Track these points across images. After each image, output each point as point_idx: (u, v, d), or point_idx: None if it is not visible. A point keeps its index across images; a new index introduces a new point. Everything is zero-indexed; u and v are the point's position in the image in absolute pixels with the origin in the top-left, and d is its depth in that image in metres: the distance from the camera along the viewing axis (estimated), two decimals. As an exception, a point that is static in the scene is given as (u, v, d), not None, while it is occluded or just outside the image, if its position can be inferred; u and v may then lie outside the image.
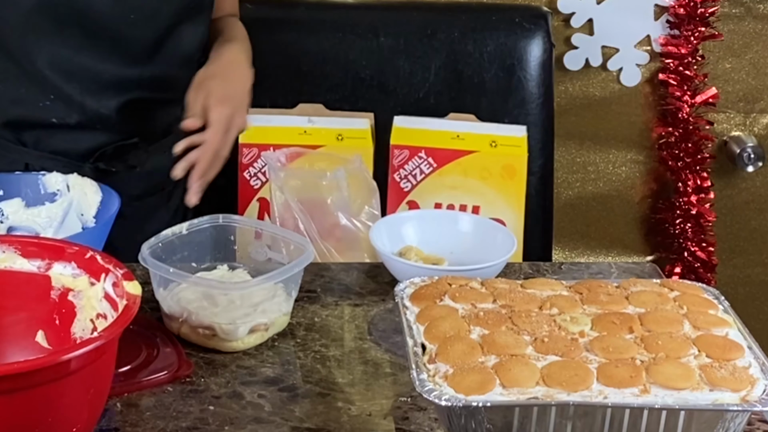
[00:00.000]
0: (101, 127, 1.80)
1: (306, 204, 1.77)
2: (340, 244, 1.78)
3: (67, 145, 1.80)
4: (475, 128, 1.99)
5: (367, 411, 1.36)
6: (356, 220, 1.80)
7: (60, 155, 1.79)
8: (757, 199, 2.56)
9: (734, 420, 1.20)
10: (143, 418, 1.33)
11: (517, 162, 1.94)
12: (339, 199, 1.79)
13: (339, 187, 1.79)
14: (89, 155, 1.81)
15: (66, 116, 1.78)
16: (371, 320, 1.58)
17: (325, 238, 1.77)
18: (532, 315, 1.32)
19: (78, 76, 1.76)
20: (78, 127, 1.79)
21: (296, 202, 1.76)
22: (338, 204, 1.79)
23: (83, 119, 1.78)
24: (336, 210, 1.79)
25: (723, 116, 2.50)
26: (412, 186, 1.95)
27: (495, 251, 1.65)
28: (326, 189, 1.80)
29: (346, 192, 1.79)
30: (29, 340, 1.31)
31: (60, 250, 1.32)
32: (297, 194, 1.77)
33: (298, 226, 1.75)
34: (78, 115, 1.78)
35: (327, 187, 1.80)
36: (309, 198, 1.78)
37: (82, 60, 1.75)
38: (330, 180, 1.80)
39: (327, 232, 1.79)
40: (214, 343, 1.48)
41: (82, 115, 1.78)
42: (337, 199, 1.79)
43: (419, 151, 1.94)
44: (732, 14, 2.44)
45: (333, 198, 1.79)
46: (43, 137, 1.80)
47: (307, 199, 1.78)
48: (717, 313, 1.35)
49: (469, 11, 2.24)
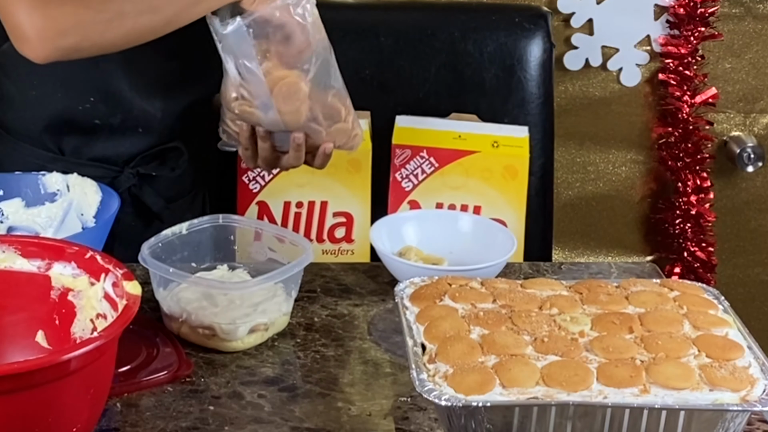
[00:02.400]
0: (143, 130, 1.77)
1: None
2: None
3: (107, 152, 1.77)
4: (477, 128, 1.99)
5: (367, 411, 1.36)
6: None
7: (99, 162, 1.77)
8: (757, 199, 2.56)
9: (734, 420, 1.20)
10: (143, 418, 1.33)
11: (519, 162, 1.94)
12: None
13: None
14: (130, 160, 1.78)
15: (110, 117, 1.74)
16: (371, 320, 1.58)
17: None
18: (532, 315, 1.32)
19: (125, 71, 1.72)
20: (120, 131, 1.75)
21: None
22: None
23: (128, 120, 1.75)
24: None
25: (723, 116, 2.50)
26: (413, 186, 1.95)
27: (495, 251, 1.65)
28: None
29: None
30: (29, 340, 1.32)
31: (60, 250, 1.32)
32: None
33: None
34: (122, 116, 1.75)
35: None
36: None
37: (127, 54, 1.67)
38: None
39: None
40: (214, 343, 1.48)
41: (127, 115, 1.75)
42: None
43: (421, 151, 1.94)
44: (732, 14, 2.44)
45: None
46: (82, 143, 1.77)
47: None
48: (717, 313, 1.35)
49: (469, 11, 2.24)
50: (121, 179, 1.77)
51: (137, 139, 1.78)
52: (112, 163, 1.78)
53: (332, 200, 1.94)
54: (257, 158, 1.68)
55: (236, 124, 1.66)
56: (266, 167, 1.71)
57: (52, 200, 1.68)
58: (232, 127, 1.67)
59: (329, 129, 1.65)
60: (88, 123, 1.75)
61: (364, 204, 1.94)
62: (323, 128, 1.64)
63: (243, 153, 1.69)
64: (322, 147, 1.65)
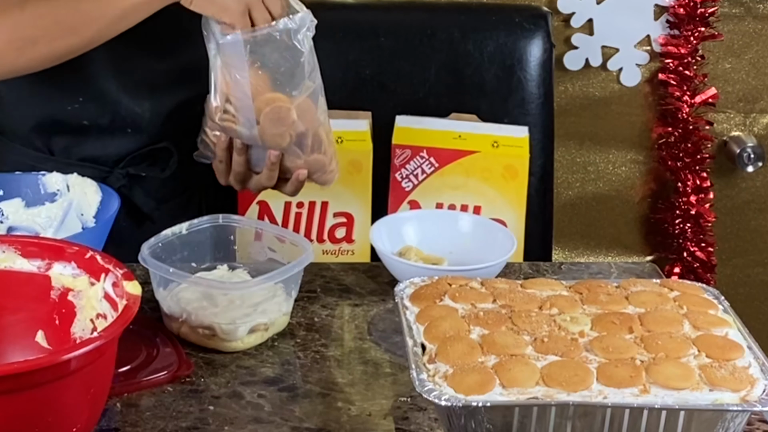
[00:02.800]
0: (132, 131, 1.77)
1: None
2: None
3: (96, 152, 1.77)
4: (476, 128, 1.99)
5: (367, 411, 1.36)
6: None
7: (89, 162, 1.77)
8: (757, 199, 2.56)
9: (734, 420, 1.20)
10: (143, 418, 1.33)
11: (519, 162, 1.94)
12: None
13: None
14: (119, 161, 1.79)
15: (98, 117, 1.75)
16: (371, 320, 1.58)
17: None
18: (532, 315, 1.32)
19: (113, 71, 1.73)
20: (109, 131, 1.76)
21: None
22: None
23: (116, 120, 1.76)
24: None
25: (723, 116, 2.50)
26: (413, 186, 1.95)
27: (495, 251, 1.65)
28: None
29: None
30: (29, 340, 1.32)
31: (60, 250, 1.32)
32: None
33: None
34: (111, 116, 1.75)
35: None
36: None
37: (116, 54, 1.70)
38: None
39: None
40: (214, 343, 1.48)
41: (116, 115, 1.75)
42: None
43: (421, 151, 1.94)
44: (732, 14, 2.44)
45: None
46: (72, 143, 1.77)
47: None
48: (717, 313, 1.35)
49: (469, 11, 2.24)
50: (110, 180, 1.76)
51: (126, 139, 1.78)
52: (102, 164, 1.78)
53: (332, 200, 1.94)
54: (229, 173, 1.67)
55: (214, 135, 1.65)
56: (237, 184, 1.69)
57: (52, 200, 1.68)
58: (210, 137, 1.66)
59: (308, 157, 1.64)
60: (77, 123, 1.76)
61: (365, 204, 1.94)
62: (303, 155, 1.64)
63: (216, 166, 1.68)
64: (296, 173, 1.64)
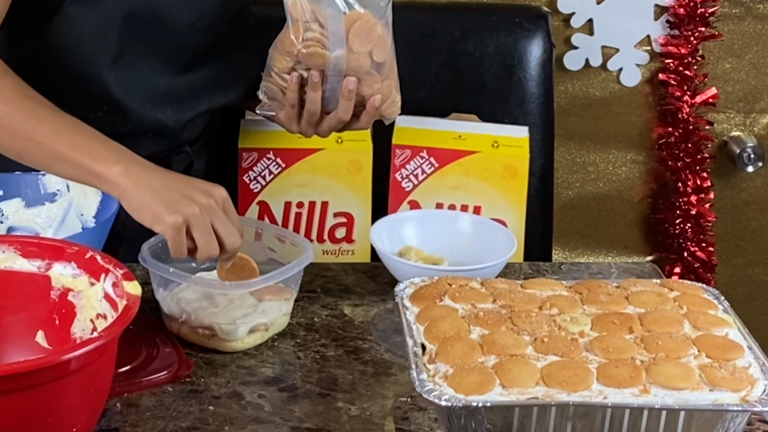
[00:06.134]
0: (153, 135, 1.77)
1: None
2: None
3: None
4: (476, 128, 1.99)
5: (367, 411, 1.36)
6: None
7: None
8: (757, 199, 2.56)
9: (734, 420, 1.20)
10: (143, 418, 1.33)
11: (519, 162, 1.94)
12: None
13: None
14: None
15: (120, 126, 1.73)
16: (371, 320, 1.58)
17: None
18: (532, 315, 1.32)
19: (135, 85, 1.72)
20: (131, 136, 1.73)
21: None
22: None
23: (139, 127, 1.74)
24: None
25: (723, 116, 2.50)
26: (413, 186, 1.95)
27: (495, 251, 1.65)
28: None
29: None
30: (29, 340, 1.32)
31: (60, 250, 1.32)
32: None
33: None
34: (133, 125, 1.74)
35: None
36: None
37: (141, 69, 1.70)
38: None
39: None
40: (214, 343, 1.48)
41: (138, 124, 1.74)
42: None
43: (421, 151, 1.94)
44: (732, 14, 2.44)
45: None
46: None
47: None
48: (717, 313, 1.35)
49: (469, 11, 2.24)
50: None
51: (145, 142, 1.77)
52: None
53: (333, 200, 1.94)
54: (300, 117, 1.64)
55: (283, 79, 1.61)
56: (309, 128, 1.65)
57: (52, 200, 1.68)
58: (278, 82, 1.62)
59: (382, 82, 1.61)
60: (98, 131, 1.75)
61: (365, 204, 1.94)
62: (380, 78, 1.60)
63: (287, 113, 1.65)
64: (372, 99, 1.60)
